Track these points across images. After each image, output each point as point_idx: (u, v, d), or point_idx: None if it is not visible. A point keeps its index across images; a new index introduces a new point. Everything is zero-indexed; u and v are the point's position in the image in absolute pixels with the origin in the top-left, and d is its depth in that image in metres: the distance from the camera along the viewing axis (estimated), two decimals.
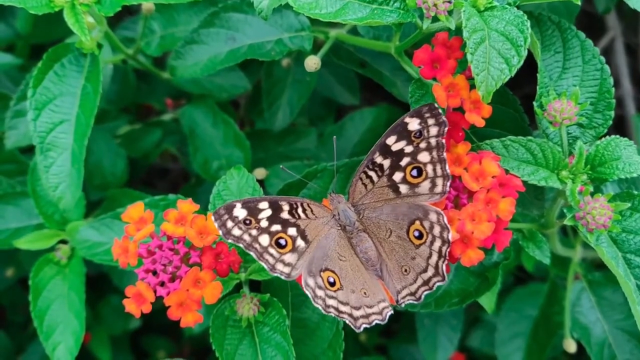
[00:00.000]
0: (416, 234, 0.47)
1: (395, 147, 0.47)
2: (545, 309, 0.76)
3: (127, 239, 0.50)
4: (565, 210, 0.47)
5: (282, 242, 0.47)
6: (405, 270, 0.47)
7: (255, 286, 0.55)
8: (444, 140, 0.46)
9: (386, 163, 0.47)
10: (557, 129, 0.48)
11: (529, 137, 0.48)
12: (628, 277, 0.47)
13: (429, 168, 0.46)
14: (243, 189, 0.54)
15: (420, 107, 0.46)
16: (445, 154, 0.46)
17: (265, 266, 0.47)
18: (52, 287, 0.65)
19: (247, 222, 0.46)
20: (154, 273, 0.49)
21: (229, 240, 0.47)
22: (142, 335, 1.03)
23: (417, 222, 0.47)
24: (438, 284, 0.46)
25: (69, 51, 0.61)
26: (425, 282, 0.47)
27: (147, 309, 0.48)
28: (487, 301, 0.57)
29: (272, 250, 0.47)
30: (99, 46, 0.62)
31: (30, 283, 0.66)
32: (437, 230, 0.46)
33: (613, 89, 0.50)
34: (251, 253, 0.47)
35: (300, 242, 0.47)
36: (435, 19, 0.46)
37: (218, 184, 0.55)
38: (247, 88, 0.77)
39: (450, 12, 0.45)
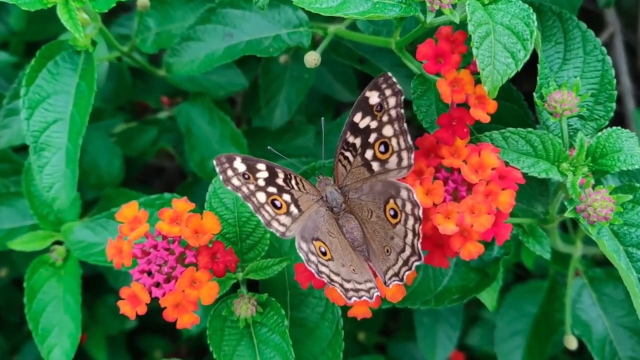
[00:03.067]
0: (392, 212, 0.46)
1: (362, 124, 0.47)
2: (545, 306, 0.76)
3: (121, 239, 0.49)
4: (566, 203, 0.47)
5: (277, 203, 0.47)
6: (387, 251, 0.47)
7: (253, 286, 0.54)
8: (402, 111, 0.46)
9: (357, 142, 0.47)
10: (557, 120, 0.47)
11: (529, 129, 0.47)
12: (630, 270, 0.46)
13: (394, 142, 0.46)
14: None
15: (376, 78, 0.46)
16: (405, 125, 0.46)
17: (262, 220, 0.47)
18: (47, 289, 0.64)
19: (246, 176, 0.46)
20: (149, 274, 0.48)
21: (228, 187, 0.46)
22: (138, 335, 1.02)
23: (391, 201, 0.46)
24: (416, 263, 0.46)
25: (62, 49, 0.61)
26: (405, 262, 0.46)
27: (142, 310, 0.47)
28: (489, 298, 0.57)
29: (268, 208, 0.47)
30: (94, 43, 0.61)
31: (25, 285, 0.65)
32: (408, 207, 0.45)
33: (615, 81, 0.50)
34: (249, 204, 0.46)
35: (293, 209, 0.48)
36: (438, 13, 0.45)
37: (214, 182, 0.54)
38: (245, 85, 0.76)
39: (454, 6, 0.45)
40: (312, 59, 0.57)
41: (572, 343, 0.64)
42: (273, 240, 0.55)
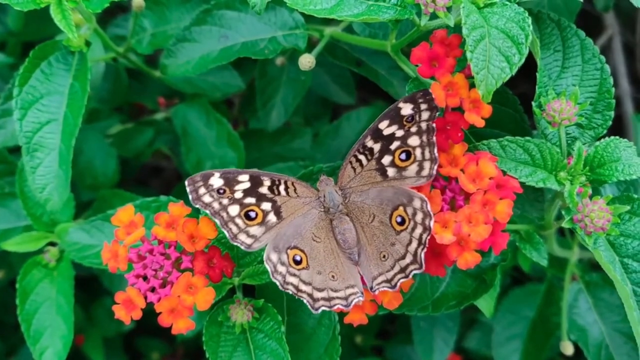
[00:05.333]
0: (399, 219, 0.46)
1: (387, 132, 0.47)
2: (542, 310, 0.76)
3: (117, 243, 0.48)
4: (563, 212, 0.47)
5: (252, 214, 0.47)
6: (384, 257, 0.47)
7: (249, 291, 0.54)
8: (434, 125, 0.46)
9: (377, 147, 0.47)
10: (555, 129, 0.47)
11: (527, 138, 0.47)
12: (625, 281, 0.46)
13: (418, 151, 0.46)
14: None
15: (414, 92, 0.46)
16: (434, 137, 0.46)
17: (227, 235, 0.47)
18: (39, 291, 0.64)
19: (221, 191, 0.46)
20: (145, 278, 0.48)
21: (197, 205, 0.47)
22: (135, 336, 1.01)
23: (401, 208, 0.46)
24: (415, 271, 0.46)
25: (56, 49, 0.60)
26: (402, 270, 0.46)
27: (137, 315, 0.47)
28: (486, 305, 0.56)
29: (238, 221, 0.47)
30: (87, 44, 0.60)
31: (18, 286, 0.64)
32: (419, 217, 0.45)
33: (613, 89, 0.50)
34: (216, 220, 0.47)
35: (272, 217, 0.47)
36: (433, 16, 0.45)
37: None
38: (241, 87, 0.76)
39: (449, 9, 0.44)
40: (306, 61, 0.57)
41: (568, 349, 0.64)
42: None
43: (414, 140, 0.46)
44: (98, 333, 0.91)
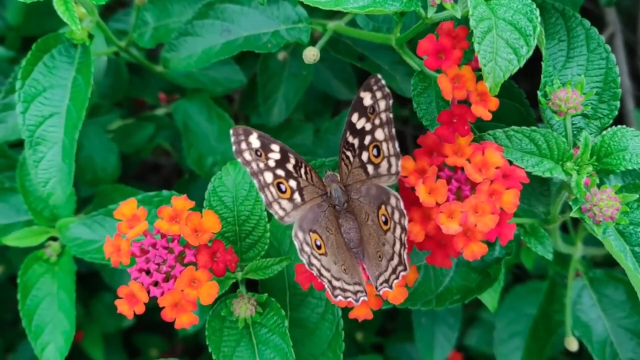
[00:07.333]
0: (383, 219, 0.46)
1: (358, 125, 0.46)
2: (544, 307, 0.75)
3: (119, 237, 0.48)
4: (570, 203, 0.46)
5: (283, 187, 0.46)
6: (379, 257, 0.46)
7: (252, 286, 0.54)
8: (391, 115, 0.45)
9: (356, 142, 0.46)
10: (561, 118, 0.47)
11: (533, 128, 0.46)
12: (637, 270, 0.46)
13: (384, 146, 0.45)
14: (239, 185, 0.53)
15: (368, 79, 0.45)
16: (394, 130, 0.45)
17: (264, 199, 0.46)
18: (41, 286, 0.63)
19: (258, 153, 0.46)
20: (148, 272, 0.47)
21: (238, 159, 0.46)
22: (134, 332, 1.01)
23: (383, 207, 0.46)
24: (402, 273, 0.45)
25: (59, 42, 0.60)
26: (393, 271, 0.46)
27: (140, 309, 0.46)
28: (490, 299, 0.56)
29: (272, 189, 0.46)
30: (90, 37, 0.60)
31: (19, 281, 0.64)
32: (396, 216, 0.45)
33: (619, 78, 0.49)
34: (254, 181, 0.46)
35: (297, 197, 0.47)
36: (440, 8, 0.45)
37: (213, 180, 0.53)
38: (243, 82, 0.76)
39: (455, 0, 0.44)
40: (311, 54, 0.57)
41: (573, 344, 0.64)
42: (272, 240, 0.55)
43: (379, 134, 0.45)
44: (97, 329, 0.91)
